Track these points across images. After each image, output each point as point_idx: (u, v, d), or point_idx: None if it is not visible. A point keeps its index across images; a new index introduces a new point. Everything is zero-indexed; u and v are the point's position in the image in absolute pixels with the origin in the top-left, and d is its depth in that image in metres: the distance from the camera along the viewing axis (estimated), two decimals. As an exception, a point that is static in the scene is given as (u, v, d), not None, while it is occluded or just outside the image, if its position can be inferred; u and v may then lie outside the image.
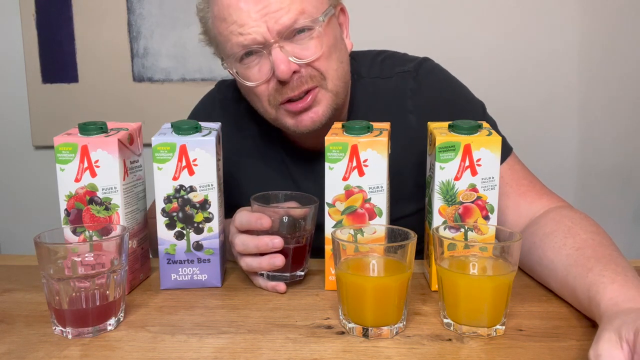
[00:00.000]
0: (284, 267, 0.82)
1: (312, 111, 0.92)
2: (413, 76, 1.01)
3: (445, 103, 0.99)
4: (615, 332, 0.57)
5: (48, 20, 1.97)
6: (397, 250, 0.71)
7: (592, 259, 0.74)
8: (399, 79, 1.01)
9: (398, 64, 1.03)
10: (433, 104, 0.99)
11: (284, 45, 0.88)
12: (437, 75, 1.03)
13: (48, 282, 0.69)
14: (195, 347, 0.68)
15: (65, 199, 0.79)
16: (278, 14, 0.86)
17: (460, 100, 1.02)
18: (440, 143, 0.78)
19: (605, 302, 0.66)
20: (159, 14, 1.95)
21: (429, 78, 1.02)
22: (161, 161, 0.81)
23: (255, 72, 0.91)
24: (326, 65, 0.91)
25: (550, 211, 0.89)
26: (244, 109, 1.05)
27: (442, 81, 1.03)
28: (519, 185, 0.94)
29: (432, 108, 0.98)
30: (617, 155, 1.95)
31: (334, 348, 0.67)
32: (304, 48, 0.89)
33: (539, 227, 0.86)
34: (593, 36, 1.88)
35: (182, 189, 0.81)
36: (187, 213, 0.82)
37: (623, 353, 0.55)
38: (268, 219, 0.80)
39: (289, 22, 0.87)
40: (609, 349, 0.56)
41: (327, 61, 0.91)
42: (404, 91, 1.01)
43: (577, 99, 1.93)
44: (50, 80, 2.02)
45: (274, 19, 0.87)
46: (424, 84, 1.01)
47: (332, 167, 0.79)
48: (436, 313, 0.76)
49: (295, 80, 0.90)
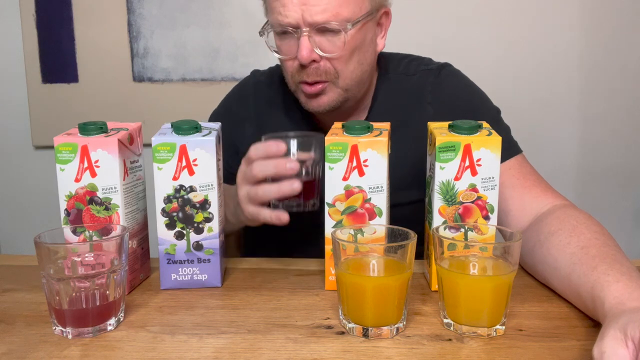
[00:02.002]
0: (298, 196, 0.86)
1: (320, 98, 1.01)
2: (435, 74, 1.10)
3: (461, 101, 1.07)
4: (620, 329, 0.57)
5: (48, 20, 1.97)
6: (397, 250, 0.71)
7: (596, 258, 0.74)
8: (421, 76, 1.10)
9: (423, 65, 1.12)
10: (450, 100, 1.07)
11: (313, 35, 0.96)
12: (458, 77, 1.12)
13: (48, 282, 0.69)
14: (195, 347, 0.68)
15: (65, 199, 0.79)
16: (314, 9, 0.93)
17: (477, 101, 1.09)
18: (440, 143, 0.78)
19: (610, 300, 0.66)
20: (159, 14, 1.95)
21: (449, 77, 1.10)
22: (161, 161, 0.80)
23: (286, 48, 1.00)
24: (343, 65, 0.98)
25: (554, 210, 0.90)
26: (274, 92, 1.14)
27: (462, 82, 1.11)
28: (525, 180, 0.98)
29: (449, 103, 1.06)
30: (618, 156, 1.95)
31: (334, 348, 0.67)
32: (329, 44, 0.96)
33: (543, 225, 0.86)
34: (593, 36, 1.88)
35: (182, 189, 0.81)
36: (187, 213, 0.82)
37: (628, 351, 0.55)
38: (283, 142, 0.86)
39: (321, 20, 0.94)
40: (614, 346, 0.56)
41: (345, 62, 0.98)
42: (425, 85, 1.09)
43: (577, 99, 1.93)
44: (50, 80, 2.02)
45: (309, 12, 0.94)
46: (444, 82, 1.09)
47: (332, 167, 0.79)
48: (436, 313, 0.76)
49: (312, 69, 0.98)
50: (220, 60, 1.97)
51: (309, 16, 0.93)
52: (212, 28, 1.94)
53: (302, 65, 0.97)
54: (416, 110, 1.07)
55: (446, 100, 1.07)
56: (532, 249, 0.86)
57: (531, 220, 0.92)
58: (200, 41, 1.96)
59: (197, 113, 1.26)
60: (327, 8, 0.93)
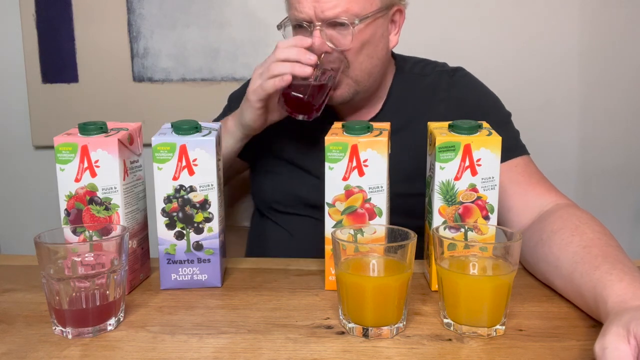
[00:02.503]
0: (305, 94, 0.97)
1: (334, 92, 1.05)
2: (450, 74, 1.15)
3: (473, 101, 1.11)
4: (623, 326, 0.57)
5: (48, 20, 1.97)
6: (397, 250, 0.71)
7: (599, 257, 0.74)
8: (436, 76, 1.15)
9: (438, 67, 1.17)
10: (463, 99, 1.11)
11: (324, 29, 1.02)
12: (472, 79, 1.16)
13: (48, 282, 0.69)
14: (195, 347, 0.68)
15: (65, 199, 0.79)
16: (325, 5, 0.99)
17: (489, 102, 1.13)
18: (440, 143, 0.78)
19: (613, 299, 0.66)
20: (159, 14, 1.95)
21: (463, 78, 1.15)
22: (161, 161, 0.80)
23: None
24: (353, 57, 1.03)
25: (557, 209, 0.90)
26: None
27: (475, 83, 1.16)
28: (531, 178, 1.00)
29: (461, 102, 1.10)
30: (618, 157, 1.95)
31: (334, 348, 0.67)
32: (340, 37, 1.02)
33: (546, 224, 0.86)
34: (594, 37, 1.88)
35: (182, 189, 0.81)
36: (187, 213, 0.82)
37: (630, 347, 0.55)
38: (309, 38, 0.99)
39: (331, 15, 1.00)
40: (616, 342, 0.56)
41: (355, 54, 1.03)
42: (439, 84, 1.13)
43: (578, 100, 1.93)
44: (50, 80, 2.01)
45: (320, 8, 1.00)
46: (458, 82, 1.14)
47: (332, 167, 0.79)
48: (436, 313, 0.76)
49: (325, 59, 1.03)
50: (220, 60, 1.96)
51: (321, 12, 1.00)
52: (212, 28, 1.94)
53: None
54: (429, 106, 1.11)
55: (459, 99, 1.11)
56: (534, 248, 0.86)
57: (534, 218, 0.92)
58: (200, 41, 1.95)
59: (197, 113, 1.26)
60: (337, 4, 0.99)
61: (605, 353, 0.56)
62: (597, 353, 0.57)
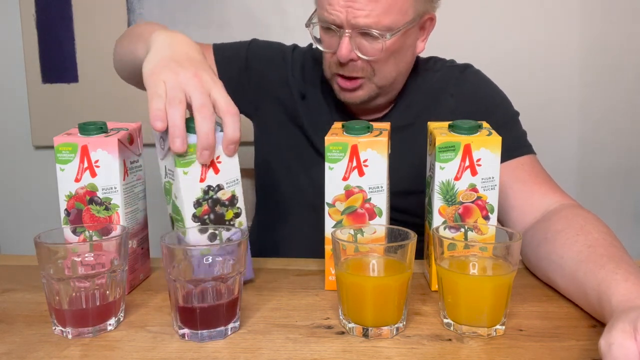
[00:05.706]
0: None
1: (355, 92, 1.06)
2: (460, 70, 1.15)
3: (482, 97, 1.11)
4: (630, 323, 0.56)
5: (48, 20, 1.97)
6: (397, 250, 0.71)
7: (604, 256, 0.74)
8: (446, 72, 1.15)
9: (448, 63, 1.18)
10: (472, 94, 1.11)
11: (354, 37, 0.99)
12: (481, 76, 1.16)
13: (48, 282, 0.69)
14: (195, 347, 0.68)
15: (65, 199, 0.79)
16: (358, 12, 0.96)
17: (496, 100, 1.12)
18: (440, 143, 0.78)
19: (618, 297, 0.66)
20: (159, 14, 1.95)
21: (473, 75, 1.15)
22: (186, 164, 0.77)
23: (328, 42, 1.05)
24: (380, 67, 1.03)
25: (562, 209, 0.90)
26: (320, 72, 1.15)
27: (485, 80, 1.15)
28: (536, 177, 0.99)
29: (470, 97, 1.10)
30: (618, 156, 1.95)
31: (334, 348, 0.67)
32: (369, 46, 1.00)
33: (551, 224, 0.86)
34: (595, 38, 1.88)
35: (210, 189, 0.79)
36: (218, 213, 0.80)
37: (636, 344, 0.54)
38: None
39: (362, 24, 0.97)
40: (622, 339, 0.55)
41: (382, 64, 1.03)
42: (449, 79, 1.13)
43: (577, 99, 1.93)
44: (50, 80, 2.01)
45: (352, 14, 0.97)
46: (468, 78, 1.14)
47: (332, 167, 0.79)
48: (436, 313, 0.76)
49: (350, 66, 1.02)
50: (220, 60, 1.96)
51: (352, 18, 0.97)
52: (212, 28, 1.94)
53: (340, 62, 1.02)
54: (439, 100, 1.12)
55: (468, 94, 1.11)
56: (537, 246, 0.86)
57: (538, 217, 0.92)
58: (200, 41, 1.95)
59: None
60: (370, 14, 0.96)
61: (611, 349, 0.55)
62: (602, 349, 0.56)
